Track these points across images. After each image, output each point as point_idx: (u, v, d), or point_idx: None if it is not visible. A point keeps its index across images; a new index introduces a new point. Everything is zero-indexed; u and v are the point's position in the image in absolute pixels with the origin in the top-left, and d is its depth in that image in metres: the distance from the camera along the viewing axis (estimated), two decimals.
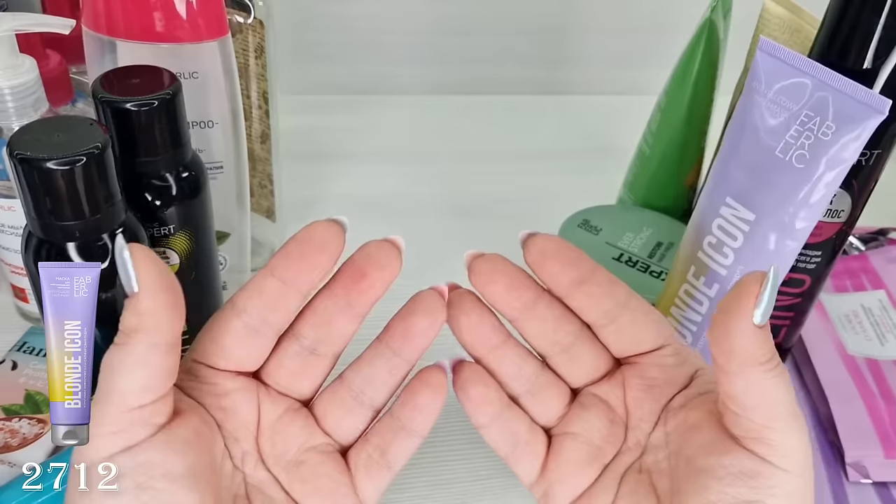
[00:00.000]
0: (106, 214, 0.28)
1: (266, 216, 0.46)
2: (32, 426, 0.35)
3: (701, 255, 0.33)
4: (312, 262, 0.25)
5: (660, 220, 0.48)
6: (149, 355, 0.23)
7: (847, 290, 0.46)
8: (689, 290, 0.34)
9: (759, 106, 0.30)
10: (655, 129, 0.48)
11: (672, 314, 0.36)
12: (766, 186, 0.30)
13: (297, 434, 0.27)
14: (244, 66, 0.40)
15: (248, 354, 0.26)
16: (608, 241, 0.45)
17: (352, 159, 0.60)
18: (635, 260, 0.44)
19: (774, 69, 0.29)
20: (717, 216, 0.32)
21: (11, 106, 0.34)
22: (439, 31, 0.70)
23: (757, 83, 0.30)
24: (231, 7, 0.38)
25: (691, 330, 0.35)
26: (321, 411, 0.28)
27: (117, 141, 0.31)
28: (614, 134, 0.58)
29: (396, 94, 0.71)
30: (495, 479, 0.37)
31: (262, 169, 0.44)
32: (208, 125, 0.36)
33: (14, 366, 0.38)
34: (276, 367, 0.27)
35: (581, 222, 0.46)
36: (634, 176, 0.50)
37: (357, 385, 0.28)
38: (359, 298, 0.26)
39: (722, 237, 0.32)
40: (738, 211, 0.31)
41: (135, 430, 0.23)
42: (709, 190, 0.33)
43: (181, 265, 0.35)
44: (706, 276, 0.33)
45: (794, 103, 0.29)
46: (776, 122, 0.30)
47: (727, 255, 0.32)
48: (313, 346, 0.27)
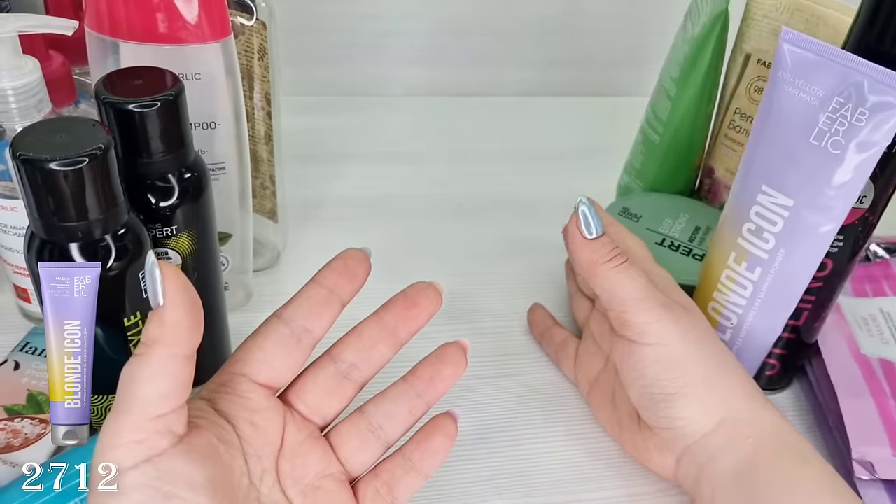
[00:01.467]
0: (108, 215, 0.28)
1: (268, 217, 0.46)
2: (34, 426, 0.35)
3: (741, 242, 0.35)
4: (353, 273, 0.29)
5: (694, 205, 0.50)
6: (168, 365, 0.23)
7: (867, 296, 0.46)
8: (730, 275, 0.37)
9: (788, 95, 0.32)
10: (666, 117, 0.48)
11: (715, 299, 0.38)
12: (803, 172, 0.32)
13: (317, 460, 0.28)
14: (247, 68, 0.40)
15: (286, 364, 0.28)
16: (649, 228, 0.47)
17: (353, 160, 0.60)
18: (677, 244, 0.46)
19: (799, 59, 0.31)
20: (755, 203, 0.34)
21: (14, 107, 0.34)
22: (440, 32, 0.70)
23: (783, 73, 0.32)
24: (234, 9, 0.38)
25: (736, 313, 0.37)
26: (339, 440, 0.29)
27: (120, 142, 0.31)
28: (614, 134, 0.58)
29: (397, 95, 0.71)
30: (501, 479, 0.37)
31: (264, 170, 0.44)
32: (211, 126, 0.36)
33: (16, 366, 0.38)
34: (311, 386, 0.29)
35: (621, 210, 0.48)
36: (642, 164, 0.51)
37: (376, 420, 0.29)
38: (405, 325, 0.29)
39: (761, 223, 0.34)
40: (775, 198, 0.33)
41: (157, 439, 0.24)
42: (742, 179, 0.35)
43: (183, 266, 0.35)
44: (748, 261, 0.36)
45: (823, 91, 0.31)
46: (807, 111, 0.31)
47: (768, 240, 0.34)
48: (348, 371, 0.29)
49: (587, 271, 0.34)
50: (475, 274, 0.49)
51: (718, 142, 0.49)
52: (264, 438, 0.27)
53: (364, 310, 0.31)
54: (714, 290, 0.38)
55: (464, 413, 0.31)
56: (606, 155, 0.57)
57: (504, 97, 0.72)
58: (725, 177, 0.49)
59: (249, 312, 0.44)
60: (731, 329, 0.38)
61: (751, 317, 0.37)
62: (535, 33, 0.71)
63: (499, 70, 0.73)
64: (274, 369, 0.27)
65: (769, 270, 0.35)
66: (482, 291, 0.48)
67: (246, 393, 0.27)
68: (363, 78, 0.70)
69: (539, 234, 0.49)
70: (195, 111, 0.33)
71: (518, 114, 0.69)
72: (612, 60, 0.73)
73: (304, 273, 0.30)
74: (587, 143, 0.65)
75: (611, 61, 0.73)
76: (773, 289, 0.36)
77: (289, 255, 0.49)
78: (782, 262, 0.35)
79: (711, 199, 0.51)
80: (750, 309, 0.37)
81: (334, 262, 0.29)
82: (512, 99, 0.71)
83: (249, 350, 0.28)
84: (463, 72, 0.72)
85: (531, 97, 0.72)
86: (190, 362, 0.24)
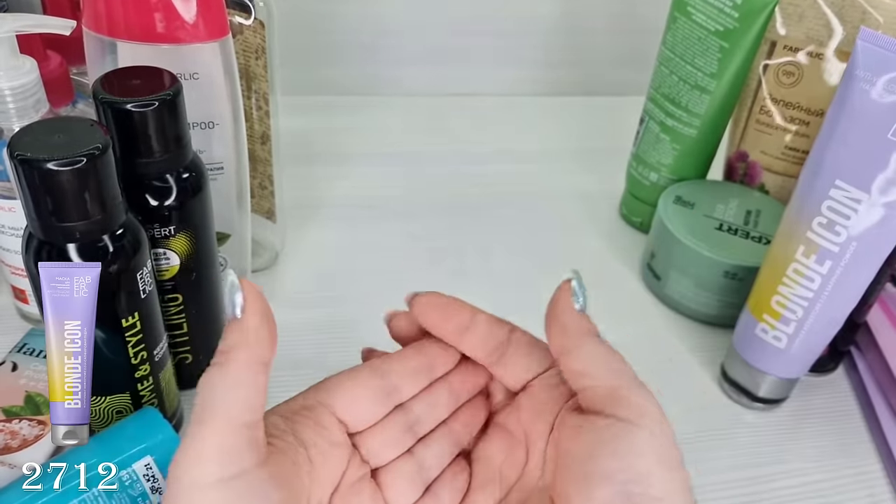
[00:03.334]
0: (106, 215, 0.28)
1: (266, 217, 0.46)
2: (32, 427, 0.35)
3: (811, 235, 0.36)
4: (453, 354, 0.30)
5: (739, 190, 0.52)
6: (248, 373, 0.23)
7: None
8: (798, 268, 0.37)
9: (865, 93, 0.33)
10: (703, 111, 0.49)
11: (780, 292, 0.38)
12: (880, 167, 0.33)
13: (366, 501, 0.28)
14: (245, 67, 0.40)
15: (370, 412, 0.28)
16: (705, 214, 0.48)
17: (351, 160, 0.60)
18: (735, 228, 0.47)
19: (877, 58, 0.32)
20: (827, 198, 0.35)
21: (12, 107, 0.34)
22: (439, 32, 0.70)
23: (860, 71, 0.33)
24: (232, 8, 0.38)
25: (802, 306, 0.38)
26: (387, 481, 0.29)
27: (118, 142, 0.31)
28: (614, 134, 0.58)
29: (396, 95, 0.71)
30: None
31: (262, 170, 0.44)
32: (209, 126, 0.36)
33: (14, 367, 0.38)
34: (379, 432, 0.29)
35: (675, 199, 0.49)
36: (675, 159, 0.52)
37: (426, 462, 0.29)
38: (466, 389, 0.30)
39: (833, 217, 0.35)
40: (849, 192, 0.34)
41: (243, 451, 0.23)
42: (812, 175, 0.36)
43: (181, 266, 0.35)
44: (817, 255, 0.36)
45: None
46: (885, 108, 0.32)
47: (839, 234, 0.35)
48: (413, 424, 0.29)
49: (573, 339, 0.27)
50: (474, 274, 0.49)
51: (750, 126, 0.51)
52: (329, 473, 0.27)
53: (364, 309, 0.31)
54: (779, 283, 0.38)
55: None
56: (606, 155, 0.57)
57: (503, 97, 0.72)
58: (761, 159, 0.51)
59: None
60: (796, 322, 0.38)
61: (817, 309, 0.37)
62: (534, 33, 0.71)
63: (498, 70, 0.73)
64: (357, 413, 0.28)
65: (839, 263, 0.36)
66: (481, 291, 0.47)
67: (328, 425, 0.27)
68: (362, 78, 0.70)
69: (539, 234, 0.49)
70: (193, 111, 0.33)
71: (517, 114, 0.69)
72: (612, 60, 0.73)
73: (303, 274, 0.30)
74: (587, 143, 0.65)
75: (611, 61, 0.73)
76: (841, 281, 0.36)
77: (287, 255, 0.49)
78: (853, 255, 0.35)
79: (749, 182, 0.52)
80: (817, 301, 0.37)
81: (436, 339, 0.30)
82: (511, 99, 0.71)
83: (340, 386, 0.28)
84: (462, 72, 0.72)
85: (531, 97, 0.72)
86: (267, 371, 0.24)
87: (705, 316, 0.47)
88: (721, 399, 0.43)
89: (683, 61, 0.49)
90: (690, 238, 0.46)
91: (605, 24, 0.71)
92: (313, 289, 0.47)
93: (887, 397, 0.42)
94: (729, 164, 0.54)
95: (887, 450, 0.40)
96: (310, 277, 0.48)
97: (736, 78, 0.48)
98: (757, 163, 0.51)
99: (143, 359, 0.33)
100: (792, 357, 0.39)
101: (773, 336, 0.39)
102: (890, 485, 0.39)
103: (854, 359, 0.45)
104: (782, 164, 0.50)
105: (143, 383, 0.33)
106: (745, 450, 0.40)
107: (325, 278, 0.48)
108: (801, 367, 0.40)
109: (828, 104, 0.35)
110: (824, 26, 0.45)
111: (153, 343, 0.33)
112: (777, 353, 0.39)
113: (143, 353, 0.32)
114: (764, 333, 0.39)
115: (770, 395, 0.41)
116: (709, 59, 0.47)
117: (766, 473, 0.39)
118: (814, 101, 0.48)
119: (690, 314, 0.48)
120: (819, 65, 0.46)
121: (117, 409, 0.33)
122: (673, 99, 0.50)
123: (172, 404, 0.36)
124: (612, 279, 0.51)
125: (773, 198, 0.51)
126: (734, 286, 0.45)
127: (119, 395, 0.33)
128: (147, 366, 0.33)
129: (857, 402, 0.43)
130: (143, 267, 0.31)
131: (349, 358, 0.41)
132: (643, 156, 0.53)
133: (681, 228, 0.47)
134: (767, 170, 0.51)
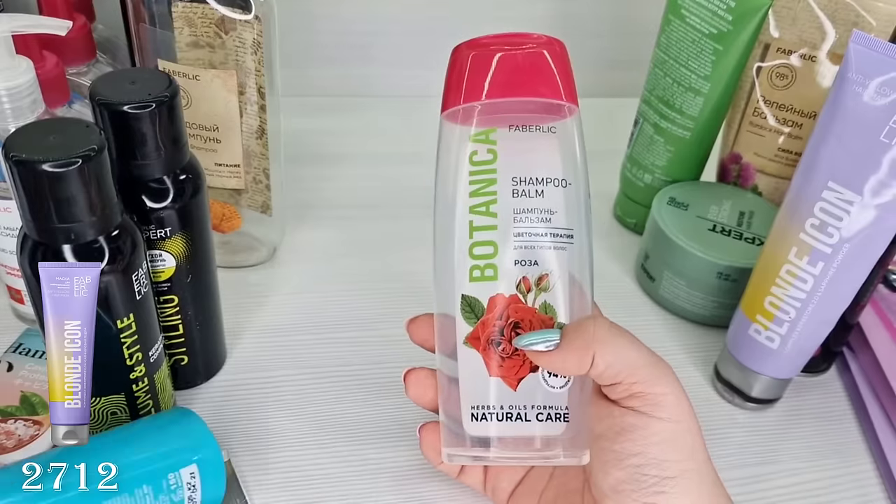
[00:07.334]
0: (102, 217, 0.28)
1: (261, 211, 0.46)
2: (28, 427, 0.35)
3: (803, 237, 0.36)
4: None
5: (732, 191, 0.52)
6: None
7: None
8: (791, 269, 0.37)
9: (857, 95, 0.33)
10: (698, 113, 0.49)
11: (773, 293, 0.39)
12: (872, 169, 0.33)
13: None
14: (240, 62, 0.40)
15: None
16: (698, 215, 0.49)
17: (349, 160, 0.60)
18: (728, 229, 0.48)
19: (869, 61, 0.33)
20: (819, 199, 0.35)
21: (8, 108, 0.34)
22: (436, 32, 0.70)
23: (853, 74, 0.33)
24: (230, 5, 0.38)
25: (795, 307, 0.38)
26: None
27: (114, 143, 0.31)
28: (608, 136, 0.58)
29: (394, 95, 0.71)
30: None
31: (257, 164, 0.44)
32: None
33: (10, 367, 0.38)
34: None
35: (669, 200, 0.50)
36: (669, 161, 0.52)
37: None
38: None
39: (826, 218, 0.35)
40: (842, 194, 0.35)
41: None
42: (805, 176, 0.36)
43: (178, 268, 0.35)
44: (810, 256, 0.36)
45: (894, 91, 0.32)
46: (877, 110, 0.33)
47: (832, 235, 0.35)
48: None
49: (582, 357, 0.28)
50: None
51: (743, 128, 0.51)
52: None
53: (364, 309, 0.31)
54: (772, 284, 0.38)
55: None
56: (600, 156, 0.57)
57: None
58: (754, 161, 0.51)
59: (244, 313, 0.44)
60: (789, 322, 0.38)
61: (809, 310, 0.38)
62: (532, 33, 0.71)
63: None
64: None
65: (832, 265, 0.36)
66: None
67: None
68: (360, 78, 0.70)
69: None
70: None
71: None
72: (606, 62, 0.73)
73: (300, 270, 0.30)
74: (586, 144, 0.65)
75: (605, 63, 0.73)
76: (834, 283, 0.37)
77: (284, 251, 0.49)
78: (845, 256, 0.36)
79: (743, 184, 0.53)
80: (809, 303, 0.38)
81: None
82: None
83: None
84: None
85: None
86: None
87: (699, 316, 0.48)
88: (714, 399, 0.43)
89: (677, 63, 0.49)
90: (684, 239, 0.46)
91: (599, 27, 0.71)
92: (310, 286, 0.47)
93: (879, 398, 0.42)
94: (722, 165, 0.54)
95: (879, 450, 0.40)
96: (306, 275, 0.48)
97: (729, 80, 0.48)
98: (750, 164, 0.52)
99: (138, 360, 0.33)
100: (785, 357, 0.40)
101: (766, 336, 0.39)
102: (882, 485, 0.39)
103: (846, 359, 0.45)
104: (775, 165, 0.51)
105: (139, 384, 0.33)
106: (737, 450, 0.40)
107: (321, 276, 0.48)
108: (794, 367, 0.41)
109: (821, 106, 0.36)
110: (817, 29, 0.46)
111: (148, 344, 0.33)
112: (770, 354, 0.40)
113: (139, 355, 0.33)
114: (757, 334, 0.40)
115: (763, 396, 0.42)
116: (702, 62, 0.47)
117: (758, 473, 0.39)
118: (807, 104, 0.48)
119: (684, 315, 0.48)
120: (812, 67, 0.47)
121: (112, 409, 0.33)
122: (667, 101, 0.50)
123: (168, 405, 0.36)
124: (607, 280, 0.51)
125: (766, 199, 0.51)
126: (727, 287, 0.45)
127: (114, 396, 0.33)
128: (142, 367, 0.33)
129: (849, 402, 0.44)
130: (138, 268, 0.31)
131: (344, 356, 0.41)
132: (637, 157, 0.53)
133: (674, 229, 0.47)
134: (761, 171, 0.51)
